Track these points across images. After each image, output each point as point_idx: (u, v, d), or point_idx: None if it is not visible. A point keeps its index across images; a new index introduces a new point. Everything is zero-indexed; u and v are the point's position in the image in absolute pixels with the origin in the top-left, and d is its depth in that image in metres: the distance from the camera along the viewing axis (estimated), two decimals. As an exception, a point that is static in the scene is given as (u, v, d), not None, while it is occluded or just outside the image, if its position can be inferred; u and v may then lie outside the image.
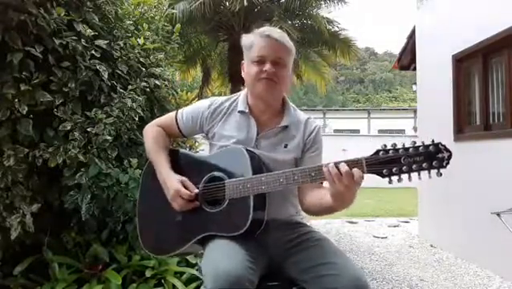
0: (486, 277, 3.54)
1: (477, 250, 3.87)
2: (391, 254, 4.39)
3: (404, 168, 1.16)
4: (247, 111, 1.56)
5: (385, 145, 1.20)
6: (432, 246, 4.67)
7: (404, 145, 1.19)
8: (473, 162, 3.83)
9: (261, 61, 1.50)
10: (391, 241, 5.02)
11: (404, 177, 1.18)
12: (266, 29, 1.55)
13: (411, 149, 1.17)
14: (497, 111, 3.94)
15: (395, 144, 1.19)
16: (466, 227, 4.08)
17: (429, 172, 1.15)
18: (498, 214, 2.20)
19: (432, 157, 1.15)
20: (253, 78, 1.51)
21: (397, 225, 6.03)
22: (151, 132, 1.67)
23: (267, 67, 1.49)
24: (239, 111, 1.57)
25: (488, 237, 3.62)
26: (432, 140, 1.16)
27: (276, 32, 1.53)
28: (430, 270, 3.78)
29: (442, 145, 1.15)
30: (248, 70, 1.55)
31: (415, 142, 1.18)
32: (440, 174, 1.14)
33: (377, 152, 1.21)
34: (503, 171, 3.50)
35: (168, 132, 1.69)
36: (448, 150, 1.15)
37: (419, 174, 1.17)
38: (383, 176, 1.18)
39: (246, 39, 1.57)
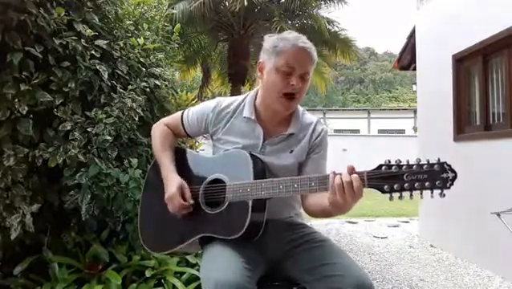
0: (486, 277, 3.54)
1: (477, 250, 3.87)
2: (391, 254, 4.39)
3: (405, 185, 1.13)
4: (253, 117, 1.53)
5: (389, 160, 1.17)
6: (432, 246, 4.67)
7: (408, 162, 1.15)
8: (473, 162, 3.83)
9: (288, 73, 1.42)
10: (391, 241, 5.02)
11: (406, 194, 1.15)
12: (297, 36, 1.45)
13: (414, 166, 1.13)
14: (497, 111, 3.93)
15: (399, 160, 1.16)
16: (466, 227, 4.08)
17: (432, 192, 1.12)
18: (498, 214, 2.20)
19: (436, 177, 1.11)
20: (276, 90, 1.44)
21: (397, 226, 6.02)
22: (158, 131, 1.68)
23: (294, 81, 1.42)
24: (245, 117, 1.54)
25: (488, 237, 3.62)
26: (438, 159, 1.13)
27: (307, 43, 1.44)
28: (430, 270, 3.78)
29: (447, 165, 1.11)
30: (271, 77, 1.45)
31: (420, 159, 1.14)
32: (444, 195, 1.10)
33: (380, 166, 1.18)
34: (503, 171, 3.50)
35: (175, 132, 1.69)
36: (453, 170, 1.11)
37: (421, 193, 1.13)
38: (383, 191, 1.15)
39: (274, 41, 1.46)
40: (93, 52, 2.19)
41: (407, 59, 6.12)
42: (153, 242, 1.61)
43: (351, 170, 1.20)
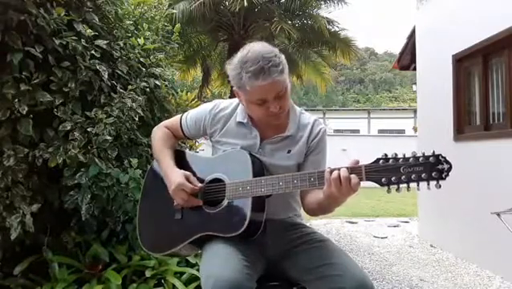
0: (486, 277, 3.54)
1: (477, 250, 3.87)
2: (391, 254, 4.39)
3: (402, 177, 1.17)
4: (245, 121, 1.53)
5: (386, 154, 1.21)
6: (432, 246, 4.67)
7: (404, 155, 1.19)
8: (473, 162, 3.83)
9: (262, 103, 1.39)
10: (391, 241, 5.02)
11: (403, 186, 1.18)
12: (256, 67, 1.32)
13: (411, 159, 1.17)
14: (497, 112, 3.93)
15: (395, 154, 1.20)
16: (466, 227, 4.08)
17: (428, 184, 1.15)
18: (498, 214, 2.20)
19: (432, 168, 1.15)
20: (259, 117, 1.45)
21: (397, 225, 6.02)
22: (159, 134, 1.69)
23: (273, 107, 1.38)
24: (239, 122, 1.54)
25: (488, 237, 3.62)
26: (433, 152, 1.16)
27: (268, 71, 1.32)
28: (430, 270, 3.78)
29: (442, 157, 1.15)
30: (249, 108, 1.45)
31: (415, 152, 1.18)
32: (439, 186, 1.14)
33: (377, 160, 1.21)
34: (503, 171, 3.50)
35: (175, 134, 1.70)
36: (448, 162, 1.15)
37: (418, 184, 1.17)
38: (381, 184, 1.19)
39: (233, 73, 1.39)
40: (93, 52, 2.19)
41: (407, 59, 6.12)
42: (152, 243, 1.61)
43: (356, 163, 1.24)
